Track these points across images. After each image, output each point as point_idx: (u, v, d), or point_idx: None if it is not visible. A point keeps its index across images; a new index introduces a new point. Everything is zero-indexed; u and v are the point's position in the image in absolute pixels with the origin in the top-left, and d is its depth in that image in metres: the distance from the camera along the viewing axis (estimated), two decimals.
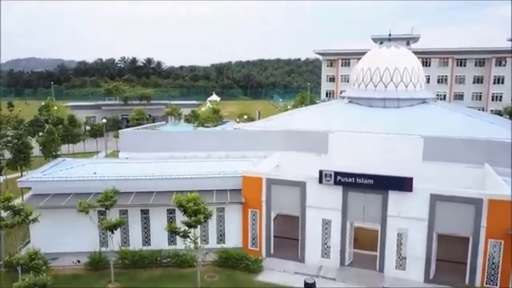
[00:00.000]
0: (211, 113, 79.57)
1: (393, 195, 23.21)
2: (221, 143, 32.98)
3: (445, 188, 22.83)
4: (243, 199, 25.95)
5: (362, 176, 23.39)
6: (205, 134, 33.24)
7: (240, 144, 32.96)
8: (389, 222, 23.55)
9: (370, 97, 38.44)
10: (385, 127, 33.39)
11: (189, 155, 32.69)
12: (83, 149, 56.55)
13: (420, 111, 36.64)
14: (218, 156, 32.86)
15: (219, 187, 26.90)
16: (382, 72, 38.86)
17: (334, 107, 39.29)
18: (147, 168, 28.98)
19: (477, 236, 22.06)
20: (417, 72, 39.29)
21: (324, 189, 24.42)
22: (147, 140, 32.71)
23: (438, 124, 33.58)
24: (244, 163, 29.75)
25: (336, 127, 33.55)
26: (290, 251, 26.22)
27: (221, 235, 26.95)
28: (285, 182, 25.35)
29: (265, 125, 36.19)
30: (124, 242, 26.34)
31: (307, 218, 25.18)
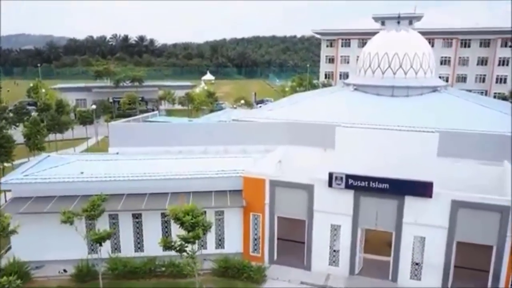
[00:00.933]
0: (205, 96, 76.78)
1: (410, 200, 21.13)
2: (218, 137, 30.58)
3: (468, 194, 20.77)
4: (244, 202, 23.79)
5: (376, 180, 21.22)
6: (201, 127, 30.82)
7: (240, 138, 30.58)
8: (404, 229, 21.56)
9: (378, 84, 36.03)
10: (394, 118, 31.16)
11: (185, 149, 30.29)
12: (72, 136, 53.85)
13: (431, 100, 34.34)
14: (215, 150, 30.50)
15: (218, 188, 24.68)
16: (391, 57, 36.37)
17: (339, 95, 36.84)
18: (139, 165, 26.63)
19: (502, 246, 20.16)
20: (428, 58, 36.83)
21: (333, 192, 22.28)
22: (139, 133, 30.21)
23: (451, 116, 31.35)
24: (245, 161, 27.47)
25: (342, 119, 31.31)
26: (295, 257, 24.27)
27: (220, 240, 24.89)
28: (290, 185, 23.16)
29: (266, 116, 33.75)
30: (115, 249, 24.22)
31: (314, 223, 23.13)
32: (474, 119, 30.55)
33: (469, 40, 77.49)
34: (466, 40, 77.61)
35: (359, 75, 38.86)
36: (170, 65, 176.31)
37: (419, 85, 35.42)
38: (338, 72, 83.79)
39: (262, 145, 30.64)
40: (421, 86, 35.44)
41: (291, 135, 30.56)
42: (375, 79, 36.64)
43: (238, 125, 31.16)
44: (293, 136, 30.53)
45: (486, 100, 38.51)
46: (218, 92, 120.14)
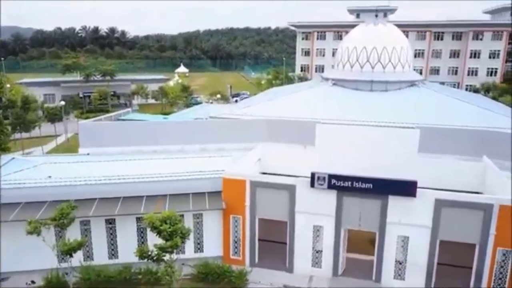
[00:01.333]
0: (180, 90, 75.06)
1: (394, 200, 20.69)
2: (195, 135, 29.46)
3: (452, 193, 20.50)
4: (224, 204, 22.86)
5: (359, 180, 20.66)
6: (177, 125, 29.57)
7: (217, 136, 29.58)
8: (388, 229, 21.15)
9: (357, 79, 35.62)
10: (374, 114, 30.89)
11: (160, 149, 29.07)
12: (40, 133, 51.40)
13: (410, 95, 34.22)
14: (192, 149, 29.41)
15: (196, 190, 23.62)
16: (369, 52, 36.01)
17: (317, 90, 36.24)
18: (112, 167, 25.28)
19: (485, 244, 20.02)
20: (406, 52, 36.65)
21: (316, 193, 21.61)
22: (111, 133, 28.72)
23: (429, 111, 31.29)
24: (224, 160, 26.55)
25: (321, 115, 30.81)
26: (277, 259, 23.59)
27: (199, 244, 23.93)
28: (272, 185, 22.37)
29: (244, 112, 32.80)
30: (87, 257, 22.92)
31: (296, 224, 22.46)
32: (452, 114, 30.55)
33: (442, 33, 78.44)
34: (439, 33, 78.52)
35: (337, 69, 38.36)
36: (142, 57, 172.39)
37: (398, 80, 35.20)
38: (314, 65, 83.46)
39: (241, 143, 29.75)
40: (400, 81, 35.25)
41: (270, 133, 29.77)
42: (353, 74, 36.21)
43: (216, 123, 30.11)
44: (273, 133, 29.76)
45: (463, 94, 38.75)
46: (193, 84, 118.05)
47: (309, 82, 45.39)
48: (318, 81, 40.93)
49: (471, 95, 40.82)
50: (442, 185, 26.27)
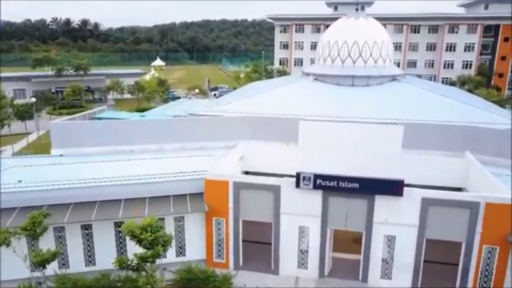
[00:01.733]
0: (157, 84, 73.29)
1: (381, 200, 20.32)
2: (175, 134, 28.45)
3: (439, 191, 20.29)
4: (207, 206, 22.04)
5: (346, 180, 20.18)
6: (155, 124, 28.44)
7: (198, 134, 28.68)
8: (375, 229, 20.80)
9: (338, 74, 35.19)
10: (356, 109, 30.58)
11: (138, 148, 27.97)
12: (10, 131, 49.17)
13: (391, 90, 34.03)
14: (172, 148, 28.43)
15: (177, 192, 22.70)
16: (351, 46, 35.60)
17: (299, 85, 35.63)
18: (87, 169, 24.11)
19: (471, 242, 19.91)
20: (387, 46, 36.42)
21: (301, 193, 21.04)
22: (86, 132, 27.37)
23: (411, 106, 31.17)
24: (205, 160, 25.71)
25: (303, 111, 30.37)
26: (262, 261, 22.98)
27: (181, 248, 23.08)
28: (256, 186, 21.66)
29: (225, 109, 31.93)
30: (63, 264, 21.75)
31: (281, 226, 21.87)
32: (434, 109, 30.49)
33: (418, 26, 78.96)
34: (416, 26, 79.03)
35: (318, 64, 37.84)
36: (117, 50, 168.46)
37: (379, 74, 34.96)
38: (293, 58, 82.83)
39: (222, 141, 29.00)
40: (381, 76, 35.01)
41: (252, 130, 29.06)
42: (335, 69, 35.77)
43: (196, 121, 29.14)
44: (255, 130, 29.06)
45: (443, 89, 38.87)
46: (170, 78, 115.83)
47: (290, 77, 44.79)
48: (299, 76, 40.36)
49: (451, 89, 41.05)
50: (425, 181, 26.20)
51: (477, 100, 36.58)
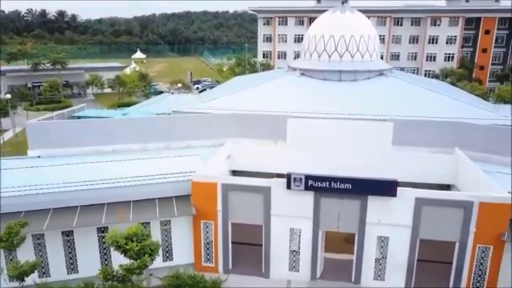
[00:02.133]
0: (138, 78, 71.52)
1: (374, 200, 19.86)
2: (159, 132, 27.39)
3: (432, 191, 19.96)
4: (194, 209, 21.20)
5: (338, 180, 19.61)
6: (138, 122, 27.28)
7: (183, 133, 27.68)
8: (368, 230, 20.36)
9: (325, 69, 34.54)
10: (344, 105, 30.09)
11: (120, 148, 26.84)
12: None
13: (379, 85, 33.59)
14: (156, 147, 27.40)
15: (163, 195, 21.82)
16: (337, 40, 34.97)
17: (285, 81, 34.87)
18: (67, 172, 22.96)
19: (465, 242, 19.66)
20: (373, 40, 35.94)
21: (292, 195, 20.41)
22: (64, 132, 26.05)
23: (399, 101, 30.80)
24: (191, 160, 24.83)
25: (290, 107, 29.71)
26: (252, 264, 22.36)
27: (168, 252, 22.24)
28: (245, 188, 20.93)
29: (210, 106, 30.97)
30: (43, 273, 20.67)
31: (272, 228, 21.24)
32: (422, 105, 30.18)
33: (401, 18, 78.95)
34: (399, 18, 79.01)
35: (304, 59, 37.13)
36: (96, 43, 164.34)
37: (366, 69, 34.47)
38: (277, 51, 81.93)
39: (208, 140, 28.12)
40: (368, 70, 34.53)
41: (239, 128, 28.24)
42: (321, 63, 35.11)
43: (181, 119, 28.11)
44: (242, 128, 28.24)
45: (429, 83, 38.62)
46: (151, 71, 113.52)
47: (275, 72, 43.94)
48: (284, 70, 39.60)
49: (436, 83, 40.91)
50: (415, 178, 25.85)
51: (463, 95, 36.52)
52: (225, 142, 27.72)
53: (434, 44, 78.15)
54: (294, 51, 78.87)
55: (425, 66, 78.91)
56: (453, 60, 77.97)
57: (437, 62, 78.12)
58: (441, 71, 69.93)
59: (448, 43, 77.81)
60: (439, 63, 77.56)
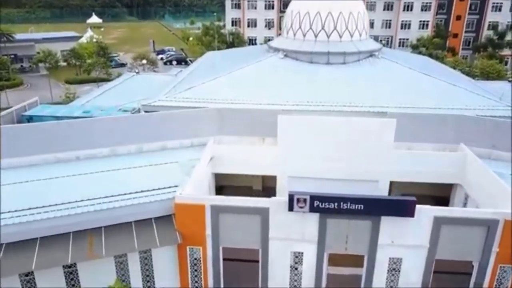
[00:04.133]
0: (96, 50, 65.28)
1: (387, 220, 17.40)
2: (129, 133, 23.59)
3: (453, 209, 17.79)
4: (179, 235, 18.05)
5: (348, 201, 16.91)
6: (104, 123, 23.22)
7: (157, 132, 24.03)
8: (379, 251, 18.03)
9: (312, 51, 31.14)
10: (335, 94, 27.18)
11: (84, 154, 22.92)
12: None
13: (371, 69, 30.70)
14: (127, 151, 23.68)
15: (140, 217, 18.46)
16: (324, 18, 31.49)
17: (267, 64, 31.22)
18: (19, 193, 19.02)
19: (486, 262, 17.76)
20: (363, 17, 32.73)
21: (294, 216, 17.62)
22: (13, 139, 21.69)
23: (395, 89, 28.09)
24: (170, 169, 21.40)
25: (277, 97, 26.52)
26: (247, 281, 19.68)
27: (149, 281, 19.16)
28: (239, 210, 17.92)
29: (186, 97, 27.14)
30: None
31: (270, 253, 18.52)
32: (420, 93, 27.59)
33: None
34: None
35: (287, 38, 33.47)
36: (45, 6, 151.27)
37: (356, 50, 31.35)
38: (246, 19, 77.04)
39: (187, 139, 24.76)
40: (358, 51, 31.43)
41: (222, 124, 24.93)
42: (307, 44, 31.65)
43: (154, 117, 24.27)
44: (225, 124, 24.95)
45: (417, 61, 35.91)
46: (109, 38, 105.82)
47: (254, 50, 39.61)
48: (264, 49, 35.78)
49: (426, 62, 38.35)
50: (418, 178, 24.02)
51: (457, 76, 34.22)
52: (206, 140, 24.47)
53: (409, 11, 75.76)
54: (265, 19, 74.51)
55: (399, 34, 76.76)
56: (428, 27, 76.12)
57: (411, 30, 76.10)
58: (418, 40, 67.81)
59: (423, 10, 75.66)
60: (413, 31, 75.57)
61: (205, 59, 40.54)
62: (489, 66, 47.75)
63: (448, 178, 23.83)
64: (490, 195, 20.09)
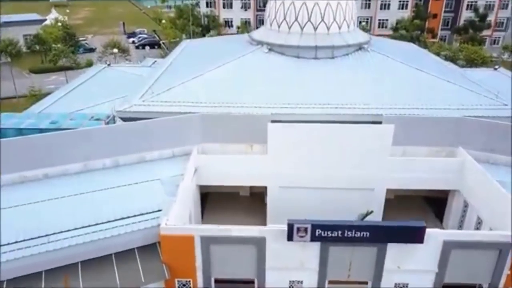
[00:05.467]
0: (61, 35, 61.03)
1: (394, 246, 16.08)
2: (104, 147, 21.25)
3: (464, 232, 16.61)
4: (166, 269, 16.24)
5: (353, 228, 15.43)
6: (75, 136, 20.69)
7: (134, 143, 21.79)
8: (384, 277, 16.78)
9: (299, 45, 29.10)
10: (325, 93, 25.50)
11: (54, 172, 20.54)
12: None
13: (360, 64, 28.95)
14: (101, 166, 21.42)
15: (121, 248, 16.55)
16: (311, 9, 29.37)
17: (252, 59, 29.01)
18: None
19: (496, 285, 16.79)
20: (351, 7, 30.75)
21: (293, 245, 16.07)
22: None
23: (386, 87, 26.47)
24: (151, 188, 19.36)
25: (263, 97, 24.68)
26: None
27: None
28: (232, 240, 16.20)
29: (165, 101, 24.81)
30: None
31: (266, 283, 17.00)
32: (413, 91, 26.14)
33: None
34: None
35: (271, 29, 31.22)
36: None
37: (345, 44, 29.50)
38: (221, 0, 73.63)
39: (168, 149, 22.65)
40: (347, 45, 29.59)
41: (207, 131, 22.94)
42: (293, 37, 29.55)
43: (132, 128, 21.91)
44: (210, 132, 22.98)
45: (412, 54, 34.02)
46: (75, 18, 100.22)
47: (234, 41, 36.23)
48: (245, 41, 33.34)
49: (414, 51, 36.71)
50: (414, 185, 22.91)
51: (447, 68, 32.66)
52: (188, 149, 22.53)
53: None
54: (241, 1, 71.36)
55: (379, 15, 75.14)
56: (407, 8, 74.68)
57: (391, 10, 74.64)
58: (398, 22, 66.37)
59: None
60: (393, 11, 74.14)
61: (182, 49, 37.64)
62: (474, 53, 46.92)
63: (447, 185, 22.76)
64: (492, 206, 19.11)
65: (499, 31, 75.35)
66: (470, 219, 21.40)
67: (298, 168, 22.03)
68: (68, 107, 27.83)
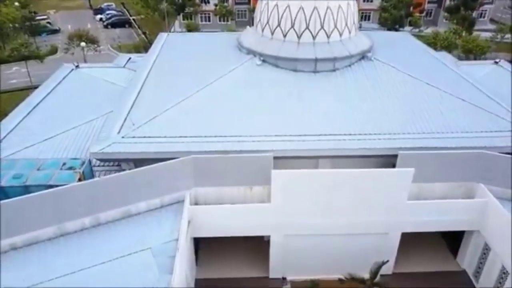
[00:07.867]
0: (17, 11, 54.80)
1: None
2: (81, 205, 18.09)
3: None
4: None
5: None
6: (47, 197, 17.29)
7: (118, 197, 18.75)
8: None
9: (296, 57, 25.85)
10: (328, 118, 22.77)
11: (21, 240, 17.39)
12: None
13: (364, 78, 26.00)
14: (79, 226, 18.40)
15: None
16: (309, 14, 26.01)
17: (243, 74, 25.54)
18: None
19: None
20: (352, 10, 27.50)
21: None
22: None
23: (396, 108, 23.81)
24: (141, 262, 16.61)
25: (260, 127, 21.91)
26: None
27: None
28: None
29: (148, 134, 21.48)
30: None
31: None
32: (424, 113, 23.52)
33: None
34: None
35: (263, 36, 27.68)
36: None
37: (348, 54, 26.34)
38: None
39: (156, 198, 19.80)
40: (350, 55, 26.46)
41: (198, 175, 20.09)
42: (289, 47, 26.21)
43: (114, 181, 18.66)
44: (202, 175, 20.15)
45: (417, 59, 30.65)
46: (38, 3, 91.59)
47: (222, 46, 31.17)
48: (234, 45, 29.61)
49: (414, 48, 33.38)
50: (434, 227, 21.24)
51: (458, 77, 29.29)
52: (179, 196, 19.85)
53: None
54: None
55: (362, 5, 71.23)
56: None
57: (374, 1, 71.41)
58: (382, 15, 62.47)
59: None
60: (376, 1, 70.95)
61: (159, 51, 33.22)
62: (471, 42, 44.38)
63: (467, 226, 21.06)
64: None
65: (486, 3, 73.08)
66: (493, 265, 19.93)
67: (306, 216, 19.78)
68: (36, 134, 24.05)
